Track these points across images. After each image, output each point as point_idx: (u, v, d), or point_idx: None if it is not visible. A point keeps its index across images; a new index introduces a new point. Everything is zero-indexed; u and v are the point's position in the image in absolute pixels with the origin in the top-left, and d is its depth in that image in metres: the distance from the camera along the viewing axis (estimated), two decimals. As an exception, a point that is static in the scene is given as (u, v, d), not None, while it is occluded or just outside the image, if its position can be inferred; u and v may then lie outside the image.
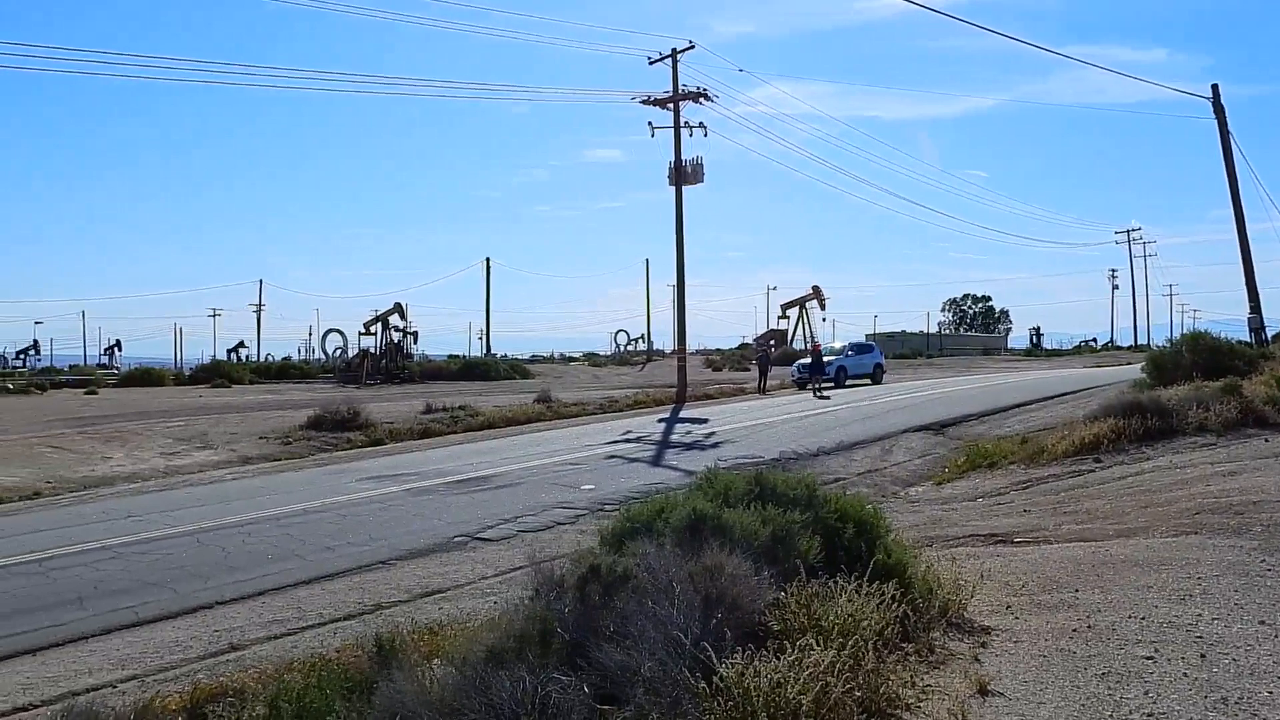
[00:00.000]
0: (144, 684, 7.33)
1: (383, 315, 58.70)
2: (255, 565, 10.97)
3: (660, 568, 5.08)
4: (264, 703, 5.21)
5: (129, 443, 23.32)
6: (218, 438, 24.13)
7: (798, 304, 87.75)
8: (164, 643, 8.38)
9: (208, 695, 6.44)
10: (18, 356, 76.56)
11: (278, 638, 8.42)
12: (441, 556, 11.29)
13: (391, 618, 8.65)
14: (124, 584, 10.27)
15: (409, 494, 15.56)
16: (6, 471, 19.16)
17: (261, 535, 12.53)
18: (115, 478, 18.96)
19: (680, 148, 37.02)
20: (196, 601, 9.57)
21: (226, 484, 17.96)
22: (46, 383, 56.44)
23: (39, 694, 7.26)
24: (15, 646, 8.32)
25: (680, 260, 38.04)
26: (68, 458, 21.13)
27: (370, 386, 48.47)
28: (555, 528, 12.69)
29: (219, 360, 76.41)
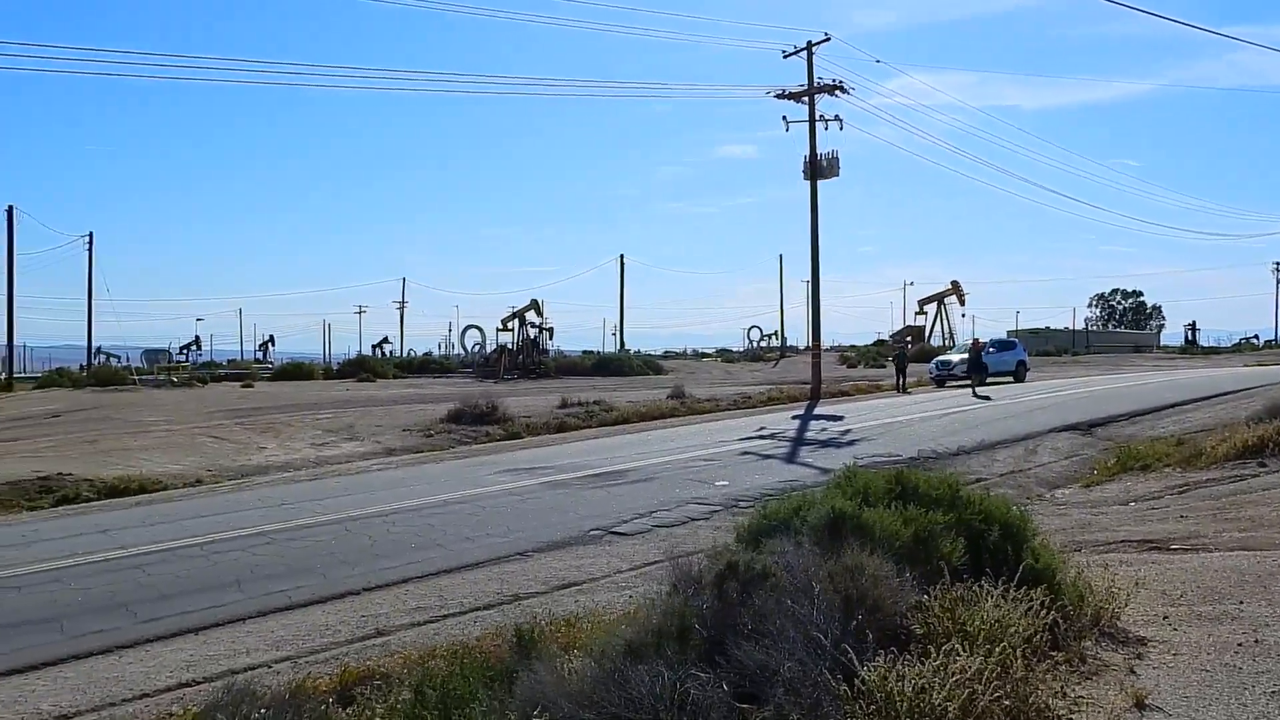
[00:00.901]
0: (296, 665, 7.64)
1: (520, 312, 59.89)
2: (399, 553, 11.32)
3: (799, 566, 5.01)
4: (409, 687, 5.36)
5: (282, 434, 24.39)
6: (363, 430, 25.00)
7: (936, 300, 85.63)
8: (314, 626, 8.71)
9: (356, 678, 6.68)
10: (181, 351, 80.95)
11: (420, 625, 8.66)
12: (577, 550, 11.42)
13: (529, 608, 8.79)
14: (277, 569, 10.73)
15: (545, 487, 15.80)
16: (173, 459, 20.31)
17: (405, 524, 12.92)
18: (269, 467, 19.86)
19: (815, 142, 36.59)
20: (344, 587, 9.92)
21: (372, 474, 18.60)
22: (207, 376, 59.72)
23: (201, 671, 7.64)
24: (181, 625, 8.78)
25: (815, 255, 37.60)
26: (226, 447, 22.24)
27: (507, 381, 49.49)
28: (689, 523, 12.69)
29: (364, 355, 79.29)
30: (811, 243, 37.34)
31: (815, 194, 36.87)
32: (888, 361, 55.47)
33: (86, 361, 69.88)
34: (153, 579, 10.41)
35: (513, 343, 59.49)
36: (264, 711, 5.47)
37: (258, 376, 61.08)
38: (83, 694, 7.23)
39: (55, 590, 10.08)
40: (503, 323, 60.91)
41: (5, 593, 10.01)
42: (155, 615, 9.09)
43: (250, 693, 5.84)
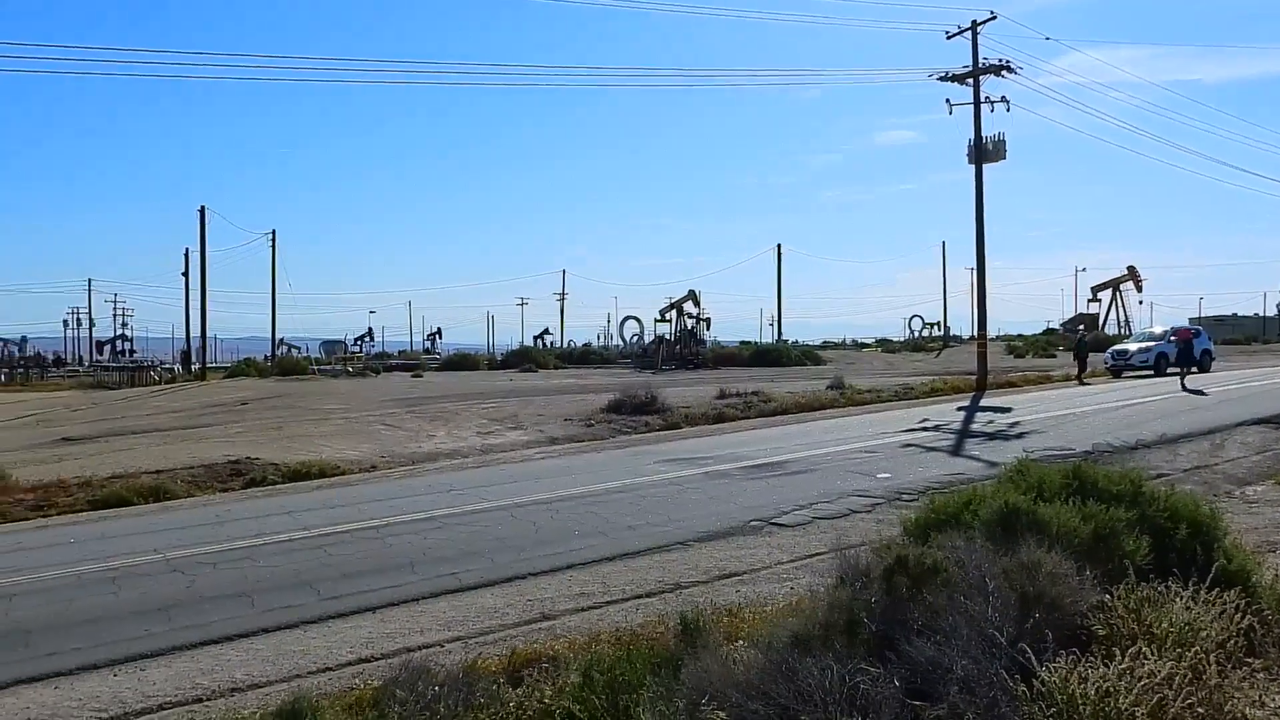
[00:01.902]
0: (467, 645, 7.91)
1: (677, 303, 60.09)
2: (563, 540, 11.55)
3: (971, 562, 4.86)
4: (577, 671, 5.46)
5: (450, 422, 25.24)
6: (527, 419, 25.61)
7: (1110, 286, 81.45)
8: (483, 608, 8.99)
9: (524, 660, 6.85)
10: (356, 342, 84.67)
11: (585, 610, 8.82)
12: (737, 540, 11.40)
13: (690, 597, 8.84)
14: (448, 552, 11.11)
15: (705, 477, 15.83)
16: (350, 446, 21.29)
17: (568, 512, 13.17)
18: (439, 454, 20.57)
19: (980, 124, 35.31)
20: (511, 572, 10.19)
21: (535, 463, 19.03)
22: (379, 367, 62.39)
23: (379, 648, 7.99)
24: (359, 604, 9.21)
25: (980, 241, 36.32)
26: (398, 435, 23.17)
27: (665, 372, 49.77)
28: (850, 515, 12.49)
29: (526, 346, 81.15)
30: (976, 228, 36.12)
31: (980, 178, 35.63)
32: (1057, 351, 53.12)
33: (271, 352, 73.98)
34: (333, 559, 10.95)
35: (670, 333, 59.76)
36: (438, 689, 5.68)
37: (426, 367, 63.44)
38: (272, 665, 7.67)
39: (246, 567, 10.72)
40: (661, 313, 61.26)
41: (202, 568, 10.72)
42: (336, 593, 9.56)
43: (426, 670, 6.07)
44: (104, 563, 11.14)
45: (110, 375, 64.82)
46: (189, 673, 7.58)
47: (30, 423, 32.77)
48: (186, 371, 65.14)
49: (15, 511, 14.90)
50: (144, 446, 22.20)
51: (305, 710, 5.39)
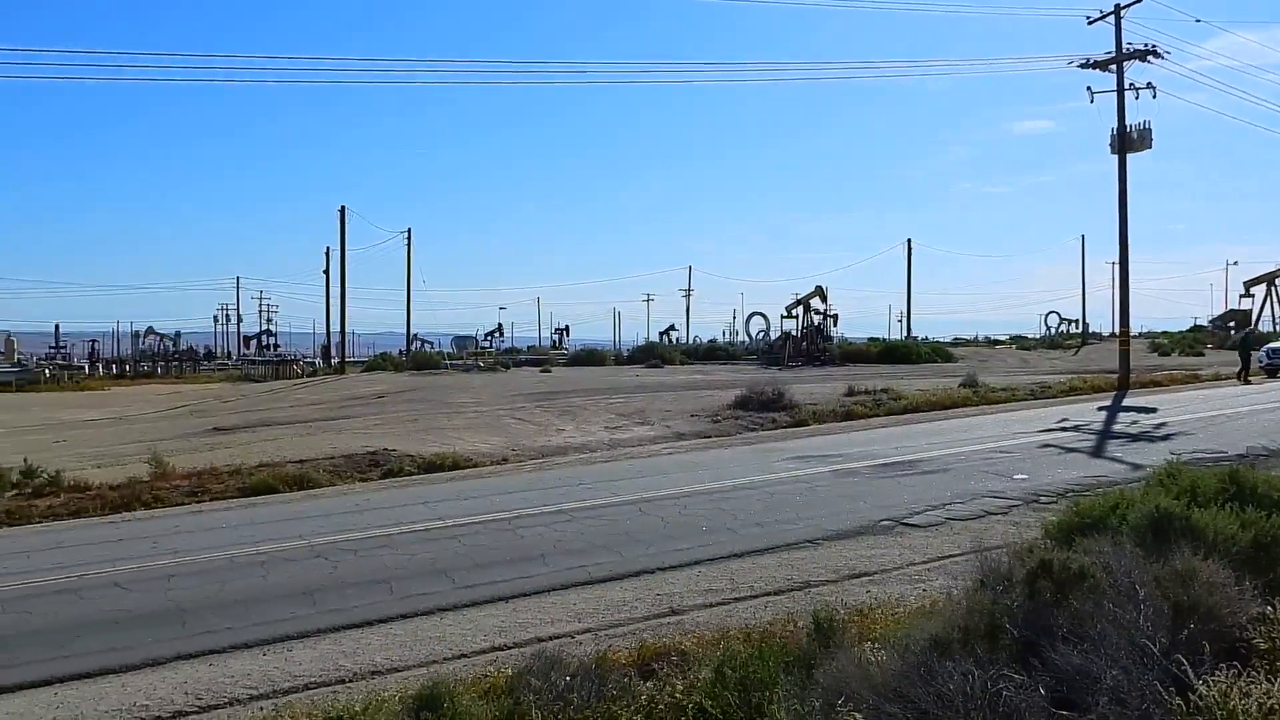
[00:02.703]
0: (597, 637, 7.99)
1: (804, 298, 59.47)
2: (690, 536, 11.57)
3: (1120, 568, 4.66)
4: (710, 667, 5.46)
5: (578, 417, 25.57)
6: (653, 414, 25.74)
7: (1265, 280, 76.90)
8: (612, 601, 9.07)
9: (653, 654, 6.89)
10: (486, 338, 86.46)
11: (713, 606, 8.81)
12: (867, 540, 11.22)
13: (820, 596, 8.74)
14: (578, 545, 11.26)
15: (834, 475, 15.64)
16: (481, 439, 21.79)
17: (696, 508, 13.19)
18: (567, 448, 20.87)
19: (1123, 113, 33.80)
20: (639, 566, 10.26)
21: (662, 458, 19.12)
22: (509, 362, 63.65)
23: (512, 637, 8.15)
24: (493, 593, 9.42)
25: (1123, 234, 34.80)
26: (528, 429, 23.59)
27: (791, 368, 49.35)
28: (985, 517, 12.15)
29: (652, 342, 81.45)
30: (1119, 221, 34.62)
31: (1123, 168, 34.14)
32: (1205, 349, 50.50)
33: (405, 347, 76.18)
34: (467, 549, 11.23)
35: (797, 329, 59.16)
36: (570, 679, 5.76)
37: (554, 362, 64.38)
38: (410, 650, 7.91)
39: (385, 555, 11.09)
40: (787, 309, 60.69)
41: (344, 554, 11.13)
42: (470, 582, 9.80)
43: (558, 660, 6.16)
44: (253, 547, 11.68)
45: (256, 369, 67.88)
46: (332, 655, 7.88)
47: (184, 413, 34.58)
48: (326, 365, 67.73)
49: (172, 497, 15.76)
50: (288, 437, 23.16)
51: (443, 695, 5.53)
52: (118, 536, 12.97)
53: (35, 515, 14.81)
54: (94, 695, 7.19)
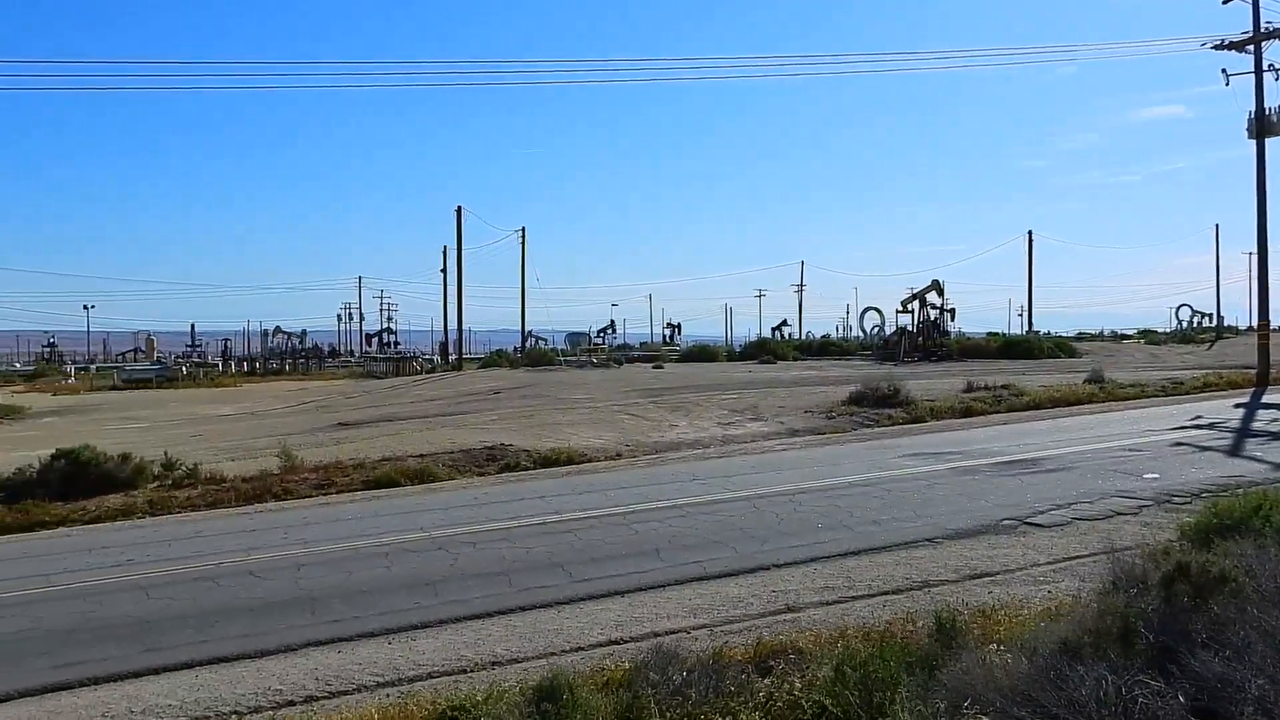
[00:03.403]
0: (713, 633, 8.00)
1: (920, 293, 58.34)
2: (806, 532, 11.48)
3: (1264, 573, 4.45)
4: (828, 665, 5.41)
5: (691, 412, 25.59)
6: (766, 410, 25.59)
7: None
8: (728, 597, 9.06)
9: (770, 651, 6.86)
10: (599, 334, 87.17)
11: (829, 604, 8.73)
12: (989, 539, 10.95)
13: (940, 596, 8.58)
14: (692, 540, 11.28)
15: (953, 473, 15.31)
16: (595, 434, 21.99)
17: (810, 505, 13.07)
18: (680, 444, 20.90)
19: (1263, 95, 32.11)
20: (754, 562, 10.22)
21: (776, 454, 19.00)
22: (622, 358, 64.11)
23: (628, 631, 8.22)
24: (609, 587, 9.51)
25: (1261, 223, 33.06)
26: (641, 424, 23.71)
27: (907, 364, 48.50)
28: (1114, 518, 11.73)
29: (764, 338, 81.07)
30: (1257, 209, 32.91)
31: (1262, 154, 32.44)
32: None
33: (520, 344, 77.36)
34: (583, 543, 11.36)
35: (913, 324, 58.05)
36: (687, 674, 5.78)
37: (666, 358, 64.61)
38: (528, 642, 8.05)
39: (503, 548, 11.30)
40: (902, 304, 59.65)
41: (463, 547, 11.38)
42: (586, 576, 9.91)
43: (675, 655, 6.19)
44: (377, 539, 12.03)
45: (377, 366, 69.85)
46: (454, 644, 8.07)
47: (311, 409, 35.82)
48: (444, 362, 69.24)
49: (301, 489, 16.35)
50: (409, 432, 23.77)
51: (562, 687, 5.61)
52: (251, 527, 13.52)
53: (175, 506, 15.54)
54: (231, 679, 7.52)
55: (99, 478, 16.91)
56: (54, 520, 14.80)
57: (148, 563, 11.42)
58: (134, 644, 8.41)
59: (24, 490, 16.49)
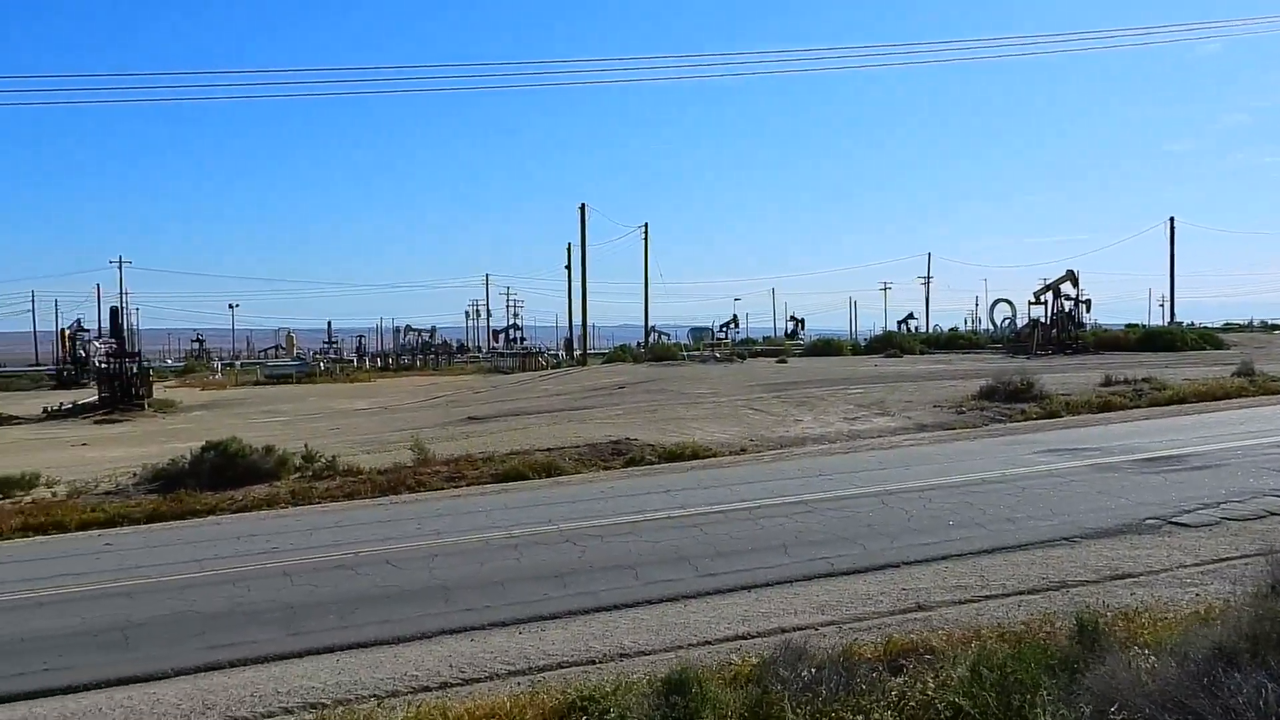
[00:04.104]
0: (841, 630, 7.91)
1: (1054, 284, 56.38)
2: (936, 530, 11.24)
3: None
4: (963, 665, 5.29)
5: (815, 407, 25.33)
6: (893, 405, 25.14)
7: None
8: (856, 594, 8.94)
9: (901, 649, 6.75)
10: (721, 329, 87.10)
11: (962, 603, 8.52)
12: (1130, 539, 10.52)
13: (1079, 597, 8.30)
14: (819, 536, 11.17)
15: (1091, 470, 14.76)
16: (719, 429, 21.98)
17: (941, 501, 12.79)
18: (805, 439, 20.72)
19: None
20: (883, 559, 10.06)
21: (904, 449, 18.64)
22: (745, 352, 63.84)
23: (755, 626, 8.19)
24: (735, 582, 9.49)
25: None
26: (766, 419, 23.58)
27: (1040, 357, 46.98)
28: (1268, 518, 11.12)
29: (890, 331, 79.70)
30: None
31: None
32: None
33: (643, 339, 77.87)
34: (708, 537, 11.37)
35: (1045, 316, 56.14)
36: (817, 671, 5.73)
37: (790, 352, 64.06)
38: (655, 635, 8.10)
39: (629, 541, 11.39)
40: (1035, 295, 57.71)
41: (590, 540, 11.52)
42: (712, 571, 9.92)
43: (804, 651, 6.15)
44: (507, 530, 12.29)
45: (504, 361, 71.34)
46: (582, 636, 8.18)
47: (441, 403, 36.78)
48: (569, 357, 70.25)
49: (433, 482, 16.82)
50: (535, 426, 24.19)
51: (691, 681, 5.63)
52: (387, 518, 13.98)
53: (315, 496, 16.18)
54: (370, 663, 7.79)
55: (245, 469, 17.75)
56: (204, 509, 15.58)
57: (291, 550, 11.93)
58: (280, 628, 8.80)
59: (177, 480, 17.45)
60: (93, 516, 15.07)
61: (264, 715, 6.87)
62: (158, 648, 8.47)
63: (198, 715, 6.91)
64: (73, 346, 63.34)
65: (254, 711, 6.94)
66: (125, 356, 42.26)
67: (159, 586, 10.53)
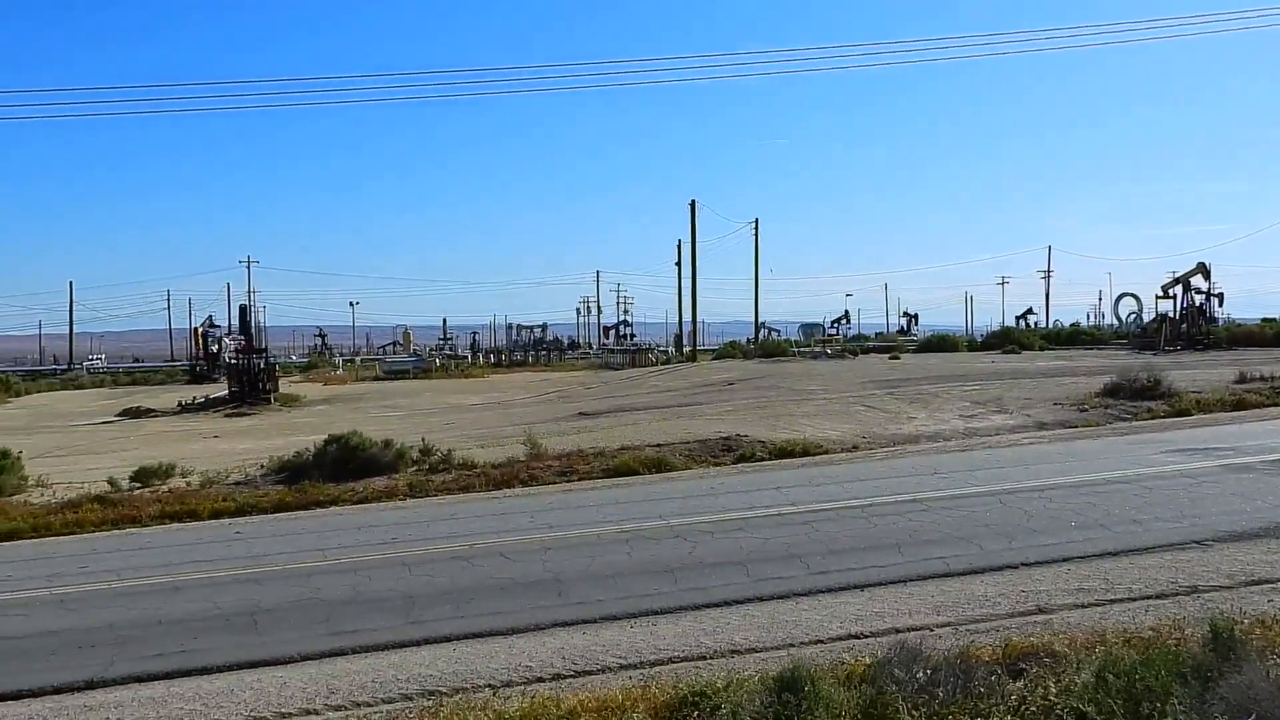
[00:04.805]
0: (957, 631, 7.74)
1: (1183, 277, 54.12)
2: (1057, 530, 10.90)
3: None
4: (1088, 670, 5.13)
5: (930, 404, 24.82)
6: (1011, 402, 24.47)
7: None
8: (972, 595, 8.74)
9: (1020, 652, 6.57)
10: (832, 325, 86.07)
11: (1084, 606, 8.26)
12: (1267, 543, 10.04)
13: (1211, 603, 7.97)
14: (933, 536, 10.95)
15: (1224, 470, 14.11)
16: (831, 426, 21.73)
17: (1061, 501, 12.40)
18: (919, 436, 20.32)
19: None
20: (1001, 560, 9.81)
21: (1022, 448, 18.13)
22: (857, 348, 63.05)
23: (868, 625, 8.08)
24: (847, 580, 9.39)
25: None
26: (878, 416, 23.22)
27: (1169, 353, 45.16)
28: None
29: (1007, 327, 77.62)
30: None
31: None
32: None
33: (754, 335, 77.53)
34: (820, 535, 11.25)
35: (1174, 311, 53.90)
36: (932, 672, 5.62)
37: (903, 348, 62.97)
38: (767, 632, 8.06)
39: (740, 537, 11.36)
40: (1163, 289, 55.47)
41: (701, 536, 11.53)
42: (824, 568, 9.82)
43: (919, 652, 6.04)
44: (618, 525, 12.38)
45: (614, 357, 71.75)
46: (693, 631, 8.19)
47: (553, 399, 37.25)
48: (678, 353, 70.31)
49: (545, 476, 17.05)
50: (645, 422, 24.30)
51: (803, 679, 5.59)
52: (500, 511, 14.23)
53: (432, 489, 16.58)
54: (485, 653, 7.95)
55: (365, 461, 18.29)
56: (327, 500, 16.11)
57: (409, 541, 12.24)
58: (399, 616, 9.06)
59: (302, 472, 18.09)
60: (224, 505, 15.73)
61: (385, 701, 7.07)
62: (285, 632, 8.80)
63: (322, 699, 7.16)
64: (205, 343, 66.06)
65: (375, 697, 7.15)
66: (253, 353, 43.92)
67: (285, 574, 10.94)
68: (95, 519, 15.17)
